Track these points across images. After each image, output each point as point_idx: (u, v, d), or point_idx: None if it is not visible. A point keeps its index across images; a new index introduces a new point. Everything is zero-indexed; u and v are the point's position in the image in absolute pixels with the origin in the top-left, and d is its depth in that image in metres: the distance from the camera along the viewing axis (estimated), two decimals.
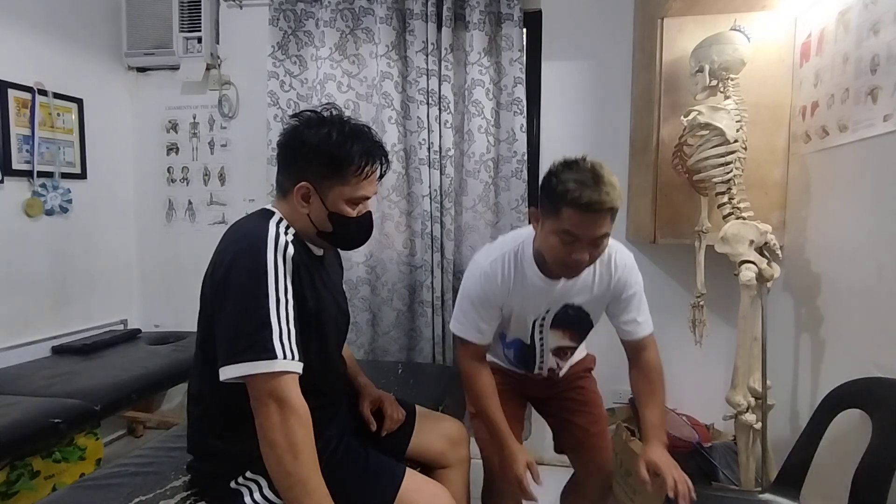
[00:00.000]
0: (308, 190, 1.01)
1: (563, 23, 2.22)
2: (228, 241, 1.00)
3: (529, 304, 1.28)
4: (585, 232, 1.05)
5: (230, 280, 0.93)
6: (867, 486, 1.06)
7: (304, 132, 1.01)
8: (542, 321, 1.32)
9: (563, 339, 1.37)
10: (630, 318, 1.29)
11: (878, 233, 1.29)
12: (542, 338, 1.35)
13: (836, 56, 1.45)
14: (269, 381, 0.89)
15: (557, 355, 1.40)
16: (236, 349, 0.90)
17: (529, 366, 1.42)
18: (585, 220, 1.03)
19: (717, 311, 1.94)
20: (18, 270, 2.10)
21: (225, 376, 0.90)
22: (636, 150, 2.12)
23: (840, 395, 1.26)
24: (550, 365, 1.42)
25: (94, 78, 2.41)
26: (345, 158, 1.00)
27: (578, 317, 1.31)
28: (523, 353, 1.40)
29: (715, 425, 2.08)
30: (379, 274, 2.25)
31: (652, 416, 1.26)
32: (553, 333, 1.35)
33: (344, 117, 1.05)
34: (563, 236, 1.06)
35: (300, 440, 0.89)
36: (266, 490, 1.01)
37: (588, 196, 1.01)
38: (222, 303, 0.94)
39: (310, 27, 2.28)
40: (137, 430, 2.57)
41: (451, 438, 1.33)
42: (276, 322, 0.91)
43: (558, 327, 1.33)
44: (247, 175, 2.51)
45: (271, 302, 0.91)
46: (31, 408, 1.60)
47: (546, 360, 1.40)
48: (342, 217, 1.03)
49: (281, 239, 0.96)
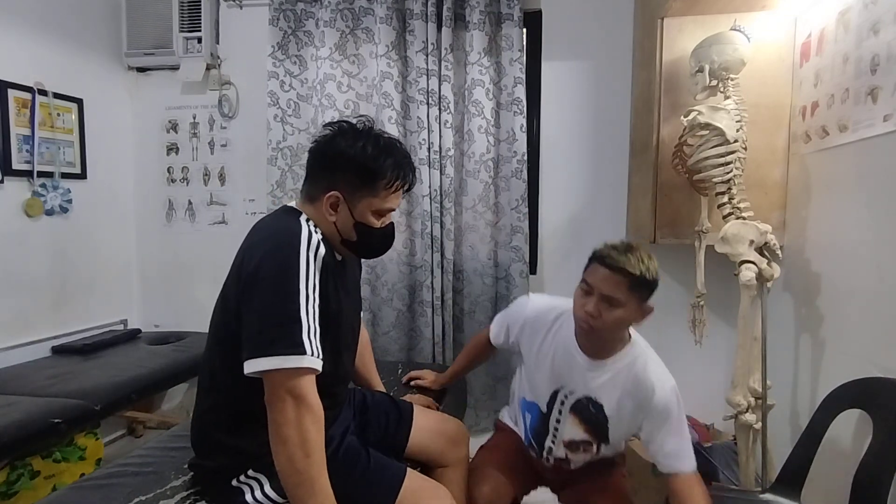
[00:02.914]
0: (338, 199, 1.02)
1: (563, 23, 2.22)
2: (259, 236, 1.01)
3: (553, 362, 1.26)
4: (598, 283, 1.11)
5: (261, 275, 0.93)
6: (868, 486, 1.06)
7: (341, 143, 1.02)
8: (563, 398, 1.26)
9: (579, 429, 1.26)
10: (657, 453, 1.17)
11: (878, 233, 1.29)
12: (560, 417, 1.27)
13: (836, 56, 1.45)
14: (291, 376, 0.89)
15: (569, 448, 1.28)
16: (265, 342, 0.89)
17: (540, 442, 1.32)
18: (600, 272, 1.12)
19: (717, 311, 1.94)
20: (18, 270, 2.09)
21: (250, 369, 0.89)
22: (636, 150, 2.12)
23: (840, 395, 1.26)
24: (559, 454, 1.30)
25: (94, 78, 2.41)
26: (378, 171, 1.01)
27: (597, 418, 1.23)
28: (538, 425, 1.32)
29: (715, 425, 2.08)
30: (379, 274, 2.25)
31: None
32: (571, 419, 1.26)
33: (377, 130, 1.06)
34: (583, 286, 1.15)
35: (313, 438, 0.89)
36: (267, 488, 1.01)
37: (610, 253, 1.12)
38: (250, 297, 0.93)
39: (310, 27, 2.28)
40: (137, 430, 2.57)
41: (451, 438, 1.32)
42: (306, 318, 0.91)
43: (577, 414, 1.25)
44: (247, 175, 2.51)
45: (302, 298, 0.91)
46: (31, 408, 1.60)
47: (556, 446, 1.29)
48: (367, 227, 1.05)
49: (314, 238, 0.97)
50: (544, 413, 1.29)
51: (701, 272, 1.72)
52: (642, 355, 1.21)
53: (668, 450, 1.16)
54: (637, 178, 2.08)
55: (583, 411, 1.24)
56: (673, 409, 1.16)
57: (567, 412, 1.26)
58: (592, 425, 1.24)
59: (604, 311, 1.11)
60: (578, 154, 2.24)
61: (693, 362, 2.14)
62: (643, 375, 1.18)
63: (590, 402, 1.22)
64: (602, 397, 1.21)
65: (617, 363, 1.20)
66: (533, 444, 1.35)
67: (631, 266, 1.08)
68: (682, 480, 1.14)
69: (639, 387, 1.18)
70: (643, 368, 1.18)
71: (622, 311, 1.11)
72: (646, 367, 1.19)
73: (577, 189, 2.24)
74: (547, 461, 1.33)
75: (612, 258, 1.10)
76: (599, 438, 1.26)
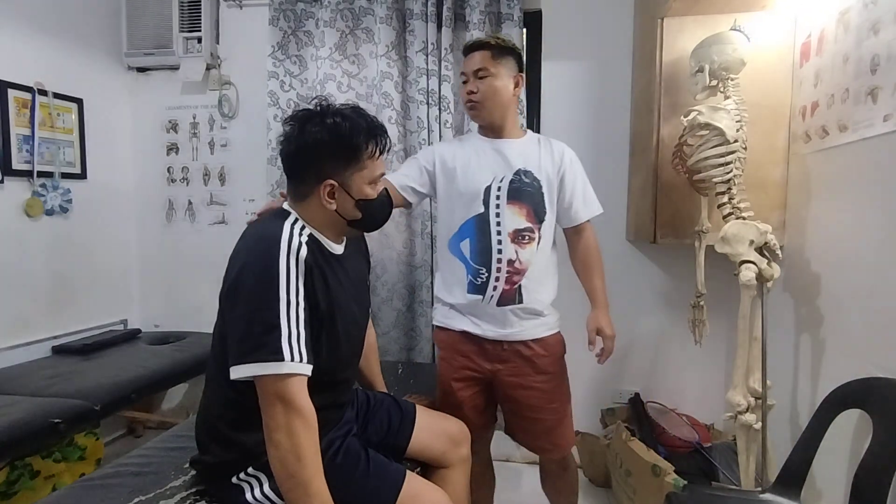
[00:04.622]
0: (333, 186, 1.02)
1: (563, 23, 2.22)
2: (242, 244, 1.02)
3: (476, 162, 1.40)
4: (468, 66, 1.39)
5: (241, 282, 0.95)
6: (868, 486, 1.06)
7: (311, 131, 1.01)
8: (497, 191, 1.37)
9: (521, 216, 1.37)
10: (574, 204, 1.45)
11: (878, 232, 1.29)
12: (500, 213, 1.37)
13: (836, 56, 1.45)
14: (277, 382, 0.90)
15: (517, 242, 1.36)
16: (245, 350, 0.91)
17: (487, 258, 1.36)
18: (467, 58, 1.41)
19: (717, 311, 1.94)
20: (18, 270, 2.10)
21: (235, 375, 0.92)
22: (636, 150, 2.12)
23: (840, 395, 1.26)
24: (510, 255, 1.36)
25: (94, 78, 2.41)
26: (358, 146, 1.02)
27: (533, 188, 1.39)
28: (480, 241, 1.37)
29: (715, 425, 2.08)
30: (379, 274, 2.24)
31: (596, 284, 1.48)
32: (510, 209, 1.37)
33: (335, 106, 1.05)
34: (462, 79, 1.43)
35: (304, 443, 0.90)
36: (266, 488, 1.01)
37: (469, 42, 1.43)
38: (233, 304, 0.95)
39: (310, 27, 2.28)
40: (137, 430, 2.57)
41: (452, 438, 1.32)
42: (286, 324, 0.92)
43: (515, 200, 1.37)
44: (247, 175, 2.51)
45: (282, 304, 0.92)
46: (31, 408, 1.60)
47: (505, 248, 1.36)
48: (367, 201, 1.06)
49: (294, 240, 0.97)
50: (485, 220, 1.37)
51: (701, 272, 1.72)
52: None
53: (587, 195, 1.47)
54: (637, 178, 2.08)
55: (518, 191, 1.38)
56: (577, 169, 1.46)
57: (504, 200, 1.37)
58: (529, 202, 1.38)
59: (480, 86, 1.37)
60: (578, 154, 2.22)
61: (693, 362, 2.14)
62: (550, 140, 1.48)
63: (521, 175, 1.39)
64: (529, 164, 1.40)
65: (526, 139, 1.46)
66: (479, 273, 1.38)
67: (487, 39, 1.39)
68: (589, 228, 1.49)
69: (551, 145, 1.45)
70: (546, 138, 1.49)
71: (496, 80, 1.37)
72: (548, 138, 1.49)
73: None
74: (493, 291, 1.37)
75: (471, 41, 1.41)
76: (538, 217, 1.39)
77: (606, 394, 2.26)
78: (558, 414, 1.44)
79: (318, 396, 0.96)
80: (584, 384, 2.26)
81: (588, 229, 1.50)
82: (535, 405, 1.42)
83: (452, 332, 1.44)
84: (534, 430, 1.45)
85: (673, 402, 2.14)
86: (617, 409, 2.18)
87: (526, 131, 1.50)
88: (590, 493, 2.09)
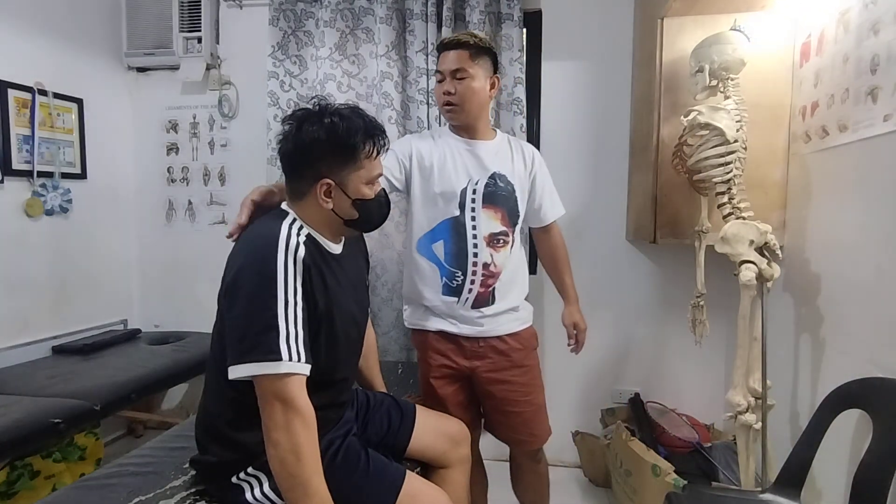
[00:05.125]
0: (330, 185, 1.02)
1: (563, 23, 2.22)
2: (240, 244, 1.02)
3: (452, 163, 1.40)
4: (445, 65, 1.36)
5: (239, 283, 0.95)
6: (868, 486, 1.06)
7: (308, 130, 1.01)
8: (473, 194, 1.38)
9: (496, 220, 1.39)
10: (543, 205, 1.50)
11: (878, 232, 1.29)
12: (475, 216, 1.38)
13: (836, 56, 1.45)
14: (275, 381, 0.91)
15: (492, 245, 1.38)
16: (243, 350, 0.91)
17: (462, 261, 1.37)
18: (443, 57, 1.38)
19: (717, 311, 1.94)
20: (18, 270, 2.10)
21: (233, 375, 0.92)
22: (636, 150, 2.12)
23: (840, 395, 1.26)
24: (485, 259, 1.37)
25: (94, 78, 2.41)
26: (355, 145, 1.02)
27: (507, 192, 1.40)
28: (455, 243, 1.38)
29: (715, 425, 2.09)
30: (379, 274, 2.24)
31: (566, 280, 1.56)
32: (485, 212, 1.38)
33: (333, 105, 1.05)
34: (437, 77, 1.41)
35: (303, 442, 0.90)
36: (266, 487, 1.01)
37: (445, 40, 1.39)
38: (231, 304, 0.95)
39: (310, 27, 2.28)
40: (137, 430, 2.57)
41: (453, 438, 1.32)
42: (284, 324, 0.92)
43: (490, 204, 1.38)
44: (247, 175, 2.50)
45: (279, 304, 0.92)
46: (31, 408, 1.60)
47: (480, 252, 1.37)
48: (364, 201, 1.06)
49: (292, 240, 0.97)
50: (458, 217, 1.38)
51: (701, 272, 1.72)
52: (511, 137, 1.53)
53: (553, 197, 1.53)
54: (637, 178, 2.08)
55: (493, 195, 1.39)
56: (545, 172, 1.51)
57: (480, 203, 1.38)
58: (504, 205, 1.40)
59: (457, 87, 1.35)
60: (578, 154, 2.24)
61: (693, 362, 2.14)
62: (519, 141, 1.52)
63: (496, 178, 1.40)
64: (503, 167, 1.41)
65: (498, 139, 1.47)
66: (455, 276, 1.38)
67: (465, 38, 1.36)
68: (556, 227, 1.56)
69: (522, 147, 1.48)
70: (516, 140, 1.52)
71: (473, 81, 1.35)
72: (517, 139, 1.54)
73: (577, 189, 2.23)
74: (469, 294, 1.38)
75: (448, 40, 1.38)
76: (512, 221, 1.42)
77: (606, 394, 2.26)
78: (534, 405, 1.47)
79: (317, 396, 0.96)
80: (584, 384, 2.26)
81: (555, 227, 1.56)
82: (513, 399, 1.44)
83: (429, 333, 1.45)
84: (513, 424, 1.46)
85: (673, 402, 2.14)
86: (617, 409, 2.18)
87: (496, 131, 1.50)
88: (590, 493, 2.09)
